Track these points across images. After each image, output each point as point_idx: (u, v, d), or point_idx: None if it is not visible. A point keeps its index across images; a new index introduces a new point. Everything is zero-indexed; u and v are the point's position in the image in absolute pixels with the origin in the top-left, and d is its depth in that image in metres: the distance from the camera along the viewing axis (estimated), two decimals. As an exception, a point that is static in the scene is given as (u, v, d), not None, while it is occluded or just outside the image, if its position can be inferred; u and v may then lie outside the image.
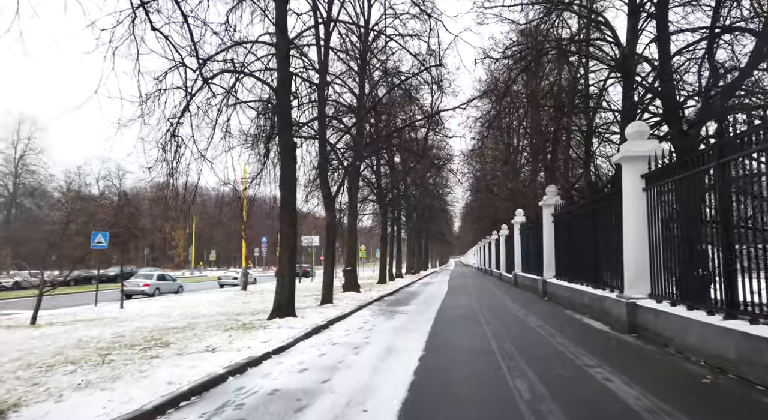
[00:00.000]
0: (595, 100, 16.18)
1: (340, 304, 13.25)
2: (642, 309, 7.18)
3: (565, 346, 6.60)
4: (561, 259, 13.75)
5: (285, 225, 10.29)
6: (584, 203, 11.03)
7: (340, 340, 7.82)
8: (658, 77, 10.09)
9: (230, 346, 7.03)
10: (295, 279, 10.52)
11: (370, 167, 24.43)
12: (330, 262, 13.77)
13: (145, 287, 22.00)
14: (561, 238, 13.74)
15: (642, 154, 7.59)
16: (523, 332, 8.08)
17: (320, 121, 13.59)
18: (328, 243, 13.75)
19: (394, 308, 12.74)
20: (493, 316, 10.41)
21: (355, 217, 17.89)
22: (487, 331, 8.26)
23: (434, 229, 50.25)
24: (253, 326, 9.28)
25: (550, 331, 8.00)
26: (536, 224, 17.28)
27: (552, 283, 13.92)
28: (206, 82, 10.08)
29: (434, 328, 8.85)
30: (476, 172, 33.46)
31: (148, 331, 9.43)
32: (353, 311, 11.87)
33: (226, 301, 16.88)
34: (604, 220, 9.79)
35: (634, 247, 7.63)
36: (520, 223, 21.79)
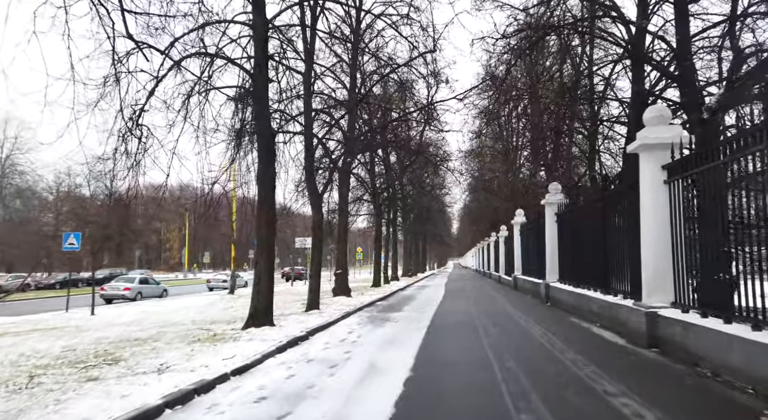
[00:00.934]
0: (601, 91, 15.26)
1: (326, 311, 12.24)
2: (665, 320, 6.19)
3: (577, 365, 5.60)
4: (565, 262, 12.76)
5: (261, 223, 9.30)
6: (592, 200, 10.04)
7: (317, 355, 6.82)
8: (675, 59, 9.12)
9: (186, 365, 6.02)
10: (273, 283, 9.53)
11: (363, 166, 23.46)
12: (317, 265, 12.76)
13: (126, 291, 20.95)
14: (565, 239, 12.76)
15: (663, 142, 6.60)
16: (527, 345, 7.08)
17: (306, 113, 12.60)
18: (315, 244, 12.75)
19: (385, 315, 11.73)
20: (493, 323, 9.42)
21: (346, 217, 16.89)
22: (486, 343, 7.26)
23: (432, 231, 49.29)
24: (223, 337, 8.27)
25: (558, 344, 7.00)
26: (537, 224, 16.31)
27: (555, 288, 12.93)
28: (176, 64, 9.09)
29: (426, 339, 7.84)
30: (474, 172, 32.51)
31: (107, 343, 8.41)
32: (339, 319, 10.86)
33: (208, 307, 15.86)
34: (615, 219, 8.81)
35: (654, 249, 6.64)
36: (520, 223, 20.82)
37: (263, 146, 9.18)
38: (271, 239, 9.38)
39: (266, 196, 9.35)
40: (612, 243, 8.85)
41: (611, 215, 9.01)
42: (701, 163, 5.75)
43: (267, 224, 9.31)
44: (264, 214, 9.33)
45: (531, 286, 16.75)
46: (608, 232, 9.06)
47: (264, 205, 9.34)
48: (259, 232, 9.37)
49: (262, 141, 9.22)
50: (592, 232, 10.02)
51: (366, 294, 18.19)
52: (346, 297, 15.94)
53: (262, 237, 9.30)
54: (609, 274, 8.97)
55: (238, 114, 9.84)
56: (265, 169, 9.27)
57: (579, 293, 10.47)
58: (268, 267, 9.34)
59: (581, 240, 11.18)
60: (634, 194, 7.61)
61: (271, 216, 9.38)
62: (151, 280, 24.27)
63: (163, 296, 22.93)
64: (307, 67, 12.52)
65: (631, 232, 7.97)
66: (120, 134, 8.73)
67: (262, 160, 9.28)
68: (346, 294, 16.21)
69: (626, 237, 8.15)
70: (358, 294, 18.25)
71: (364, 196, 26.94)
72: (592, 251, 10.16)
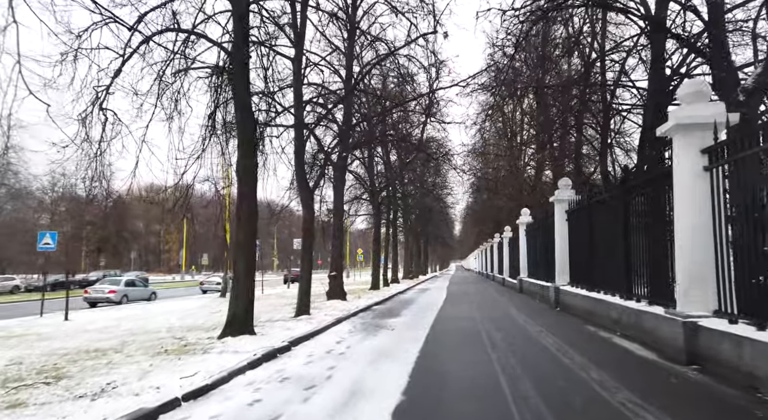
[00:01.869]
0: (613, 80, 14.26)
1: (317, 316, 11.24)
2: (708, 333, 5.17)
3: (607, 388, 4.59)
4: (577, 264, 11.73)
5: (241, 219, 8.32)
6: (611, 194, 9.01)
7: (295, 371, 5.81)
8: (705, 31, 8.09)
9: (135, 385, 5.03)
10: (253, 286, 8.54)
11: (362, 163, 22.49)
12: (307, 267, 11.76)
13: (111, 294, 19.95)
14: (577, 239, 11.73)
15: (703, 121, 5.59)
16: (542, 361, 6.06)
17: (296, 102, 11.62)
18: (306, 244, 11.77)
19: (380, 321, 10.73)
20: (500, 332, 8.40)
21: (341, 216, 15.88)
22: (493, 357, 6.25)
23: (434, 232, 48.27)
24: (193, 348, 7.28)
25: (577, 359, 5.98)
26: (545, 224, 15.29)
27: (566, 292, 11.90)
28: (146, 41, 8.13)
29: (424, 351, 6.84)
30: (477, 171, 31.47)
31: (61, 355, 7.43)
32: (330, 326, 9.86)
33: (193, 311, 14.88)
34: (640, 214, 7.80)
35: (692, 248, 5.63)
36: (526, 223, 19.79)
37: (242, 132, 8.20)
38: (251, 238, 8.39)
39: (246, 189, 8.37)
40: (635, 242, 7.84)
41: (634, 210, 8.00)
42: (752, 144, 4.75)
43: (247, 221, 8.32)
44: (244, 209, 8.35)
45: (538, 290, 15.71)
46: (631, 230, 8.05)
47: (244, 199, 8.35)
48: (238, 230, 8.38)
49: (241, 127, 8.24)
50: (611, 230, 9.00)
51: (363, 297, 17.18)
52: (340, 301, 14.93)
53: (241, 235, 8.31)
54: (631, 277, 7.94)
55: (213, 94, 8.86)
56: (245, 158, 8.29)
57: (594, 298, 9.44)
58: (248, 268, 8.34)
59: (597, 239, 10.16)
60: (663, 185, 6.62)
61: (252, 212, 8.39)
62: (138, 282, 23.28)
63: (152, 299, 21.94)
64: (297, 52, 11.55)
65: (660, 229, 6.98)
66: (80, 119, 7.77)
67: (241, 146, 8.30)
68: (340, 298, 15.21)
69: (653, 235, 7.15)
70: (354, 297, 17.24)
71: (363, 195, 25.95)
72: (610, 251, 9.14)
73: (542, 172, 25.60)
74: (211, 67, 8.76)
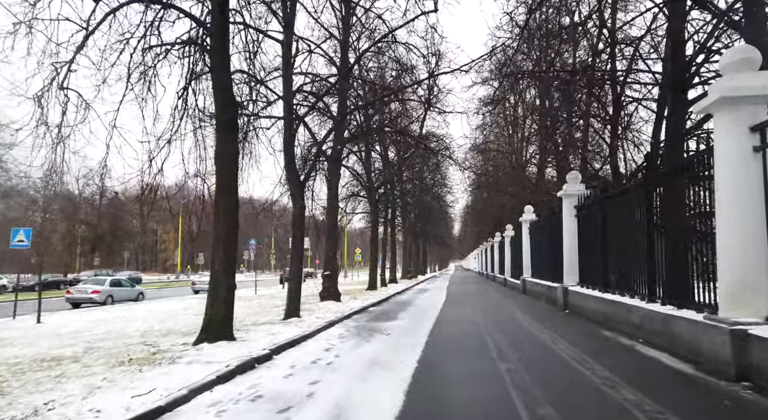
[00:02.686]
0: (624, 69, 13.40)
1: (308, 319, 10.39)
2: (763, 343, 4.32)
3: (647, 412, 3.73)
4: (589, 263, 10.88)
5: (219, 213, 7.45)
6: (633, 186, 8.15)
7: (272, 387, 4.95)
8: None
9: (74, 407, 4.17)
10: (234, 287, 7.67)
11: (358, 158, 21.63)
12: (297, 266, 10.89)
13: (94, 294, 19.01)
14: (589, 236, 10.88)
15: (754, 93, 4.74)
16: (562, 377, 5.20)
17: (285, 88, 10.76)
18: (295, 241, 10.90)
19: (375, 325, 9.86)
20: (506, 338, 7.54)
21: (335, 212, 15.02)
22: (502, 369, 5.39)
23: (433, 232, 47.43)
24: (162, 357, 6.41)
25: (603, 373, 5.12)
26: (551, 221, 14.45)
27: (576, 293, 11.05)
28: (113, 12, 7.27)
29: (423, 361, 5.98)
30: (478, 169, 30.61)
31: (11, 364, 6.56)
32: (320, 330, 9.00)
33: (178, 313, 14.00)
34: (665, 208, 6.96)
35: (739, 243, 4.77)
36: (530, 221, 18.96)
37: (220, 115, 7.33)
38: (231, 233, 7.52)
39: (225, 180, 7.50)
40: (661, 237, 6.99)
41: (659, 203, 7.15)
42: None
43: (225, 214, 7.46)
44: (222, 201, 7.48)
45: (543, 291, 14.86)
46: (654, 225, 7.20)
47: (222, 190, 7.48)
48: (216, 224, 7.51)
49: (219, 110, 7.37)
50: (630, 225, 8.16)
51: (359, 299, 16.33)
52: (334, 302, 14.07)
53: (219, 230, 7.44)
54: (655, 277, 7.10)
55: (186, 70, 7.96)
56: (224, 145, 7.42)
57: (610, 300, 8.59)
58: (227, 267, 7.47)
59: (612, 236, 9.32)
60: (698, 173, 5.77)
61: (231, 205, 7.52)
62: (125, 282, 22.35)
63: (139, 300, 21.03)
64: (287, 35, 10.70)
65: (691, 224, 6.13)
66: (36, 97, 6.90)
67: (219, 131, 7.43)
68: (334, 299, 14.35)
69: (683, 230, 6.31)
70: (349, 298, 16.39)
71: (360, 192, 25.09)
72: (628, 249, 8.30)
73: (545, 166, 24.77)
74: (185, 41, 7.87)
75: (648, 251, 7.34)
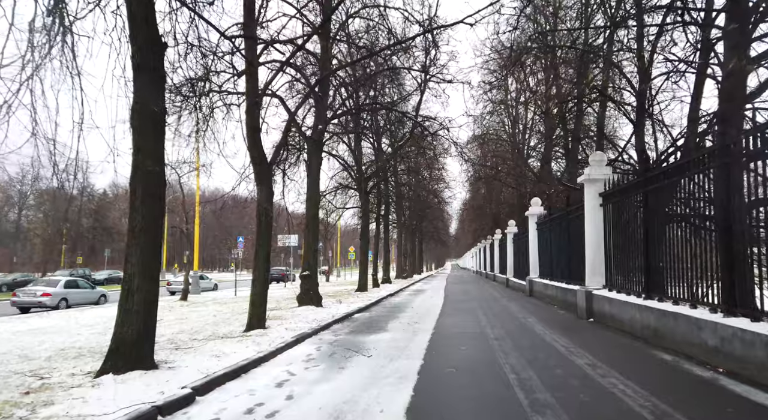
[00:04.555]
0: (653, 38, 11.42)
1: (273, 332, 8.34)
2: None
3: None
4: (620, 261, 8.88)
5: (137, 190, 5.37)
6: (701, 158, 6.08)
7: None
8: None
9: None
10: (156, 294, 5.59)
11: (347, 145, 19.55)
12: (261, 265, 8.79)
13: (44, 297, 16.74)
14: (621, 228, 8.88)
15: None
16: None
17: (248, 44, 8.68)
18: (260, 236, 8.82)
19: (357, 340, 7.81)
20: (530, 363, 5.51)
21: (316, 203, 12.91)
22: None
23: (429, 229, 45.42)
24: (38, 398, 4.34)
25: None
26: (567, 213, 12.46)
27: (603, 298, 9.04)
28: None
29: (415, 409, 3.95)
30: (477, 160, 28.60)
31: None
32: (283, 349, 6.94)
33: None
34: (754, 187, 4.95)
35: None
36: (537, 215, 16.96)
37: (138, 52, 5.24)
38: (153, 221, 5.44)
39: (145, 148, 5.41)
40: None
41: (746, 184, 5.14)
42: None
43: (145, 198, 5.37)
44: (140, 179, 5.39)
45: (557, 294, 12.86)
46: (739, 213, 5.19)
47: (141, 163, 5.40)
48: (132, 212, 5.43)
49: (133, 39, 5.27)
50: (691, 213, 6.15)
51: (345, 302, 14.28)
52: (314, 307, 12.02)
53: (136, 217, 5.36)
54: (746, 284, 5.08)
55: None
56: (142, 93, 5.33)
57: (660, 310, 6.57)
58: (146, 268, 5.36)
59: (658, 228, 7.30)
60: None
61: (153, 184, 5.44)
62: (84, 283, 20.10)
63: (100, 303, 18.85)
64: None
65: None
66: None
67: (139, 75, 5.31)
68: (314, 303, 12.29)
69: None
70: (334, 302, 14.35)
71: (350, 184, 23.03)
72: (685, 244, 6.30)
73: (551, 157, 22.79)
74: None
75: (726, 247, 5.34)
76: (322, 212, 24.43)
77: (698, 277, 5.97)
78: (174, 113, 10.55)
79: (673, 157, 7.67)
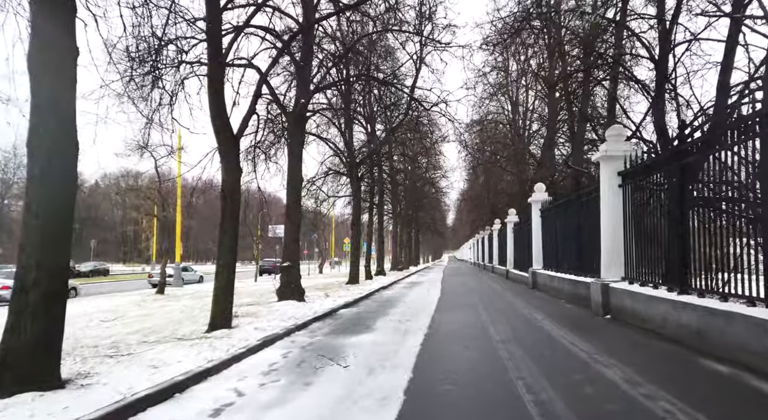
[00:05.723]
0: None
1: (240, 332, 7.08)
2: None
3: None
4: (645, 251, 7.63)
5: (35, 155, 4.07)
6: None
7: None
8: None
9: None
10: (63, 288, 4.30)
11: (337, 127, 18.21)
12: (227, 253, 7.50)
13: (4, 291, 15.21)
14: (648, 213, 7.63)
15: None
16: None
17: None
18: (225, 218, 7.52)
19: (335, 343, 6.56)
20: (556, 384, 4.27)
21: (298, 187, 11.58)
22: None
23: (425, 220, 44.14)
24: None
25: None
26: (575, 199, 11.21)
27: (624, 293, 7.80)
28: None
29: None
30: (475, 146, 27.29)
31: None
32: (242, 355, 5.67)
33: (83, 317, 10.61)
34: None
35: None
36: (541, 201, 15.70)
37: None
38: (63, 198, 4.15)
39: (46, 103, 4.10)
40: None
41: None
42: None
43: (46, 168, 4.07)
44: (39, 148, 4.08)
45: (565, 287, 11.63)
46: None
47: (41, 125, 4.08)
48: (29, 185, 4.13)
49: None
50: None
51: (332, 296, 13.02)
52: (295, 302, 10.75)
53: (31, 193, 4.06)
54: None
55: None
56: (44, 30, 4.02)
57: (710, 308, 5.32)
58: (45, 257, 4.08)
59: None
60: None
61: (61, 154, 4.14)
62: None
63: (70, 296, 17.54)
64: None
65: None
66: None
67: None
68: (296, 297, 11.03)
69: None
70: (321, 295, 13.10)
71: (341, 170, 21.72)
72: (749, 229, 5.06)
73: (554, 142, 21.52)
74: None
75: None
76: (312, 200, 23.16)
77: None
78: (140, 88, 9.27)
79: (699, 131, 6.49)
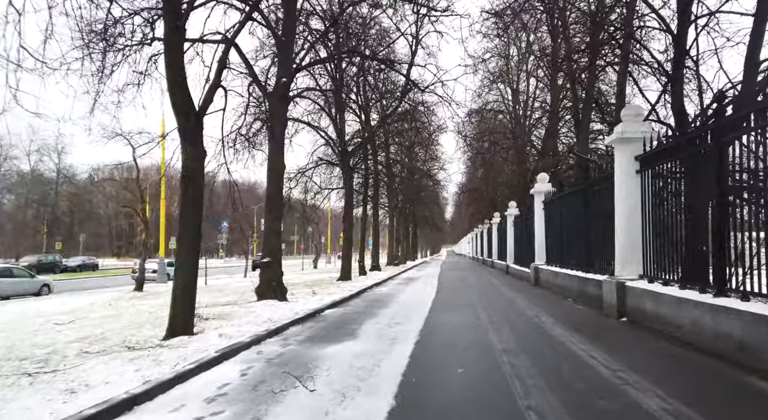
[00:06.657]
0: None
1: (203, 338, 6.11)
2: None
3: None
4: (667, 246, 6.63)
5: None
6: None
7: None
8: None
9: None
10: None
11: (327, 114, 17.16)
12: (187, 248, 6.52)
13: None
14: (674, 201, 6.64)
15: None
16: None
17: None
18: (185, 208, 6.50)
19: (307, 355, 5.56)
20: (579, 416, 3.30)
21: (279, 174, 10.52)
22: None
23: (424, 214, 43.14)
24: None
25: None
26: (587, 187, 10.21)
27: (643, 293, 6.82)
28: None
29: None
30: (474, 136, 26.26)
31: None
32: (191, 373, 4.67)
33: (44, 321, 9.61)
34: None
35: None
36: (545, 192, 14.70)
37: None
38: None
39: None
40: None
41: None
42: None
43: None
44: None
45: (571, 285, 10.66)
46: None
47: None
48: None
49: None
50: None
51: (320, 294, 12.04)
52: (276, 301, 9.77)
53: None
54: None
55: None
56: None
57: (759, 315, 4.34)
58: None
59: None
60: None
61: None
62: (20, 271, 17.54)
63: (42, 294, 16.52)
64: None
65: None
66: None
67: None
68: (277, 296, 10.03)
69: None
70: (307, 293, 12.13)
71: (333, 160, 20.69)
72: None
73: (557, 131, 20.49)
74: None
75: None
76: (303, 192, 22.17)
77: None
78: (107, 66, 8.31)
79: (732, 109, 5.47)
